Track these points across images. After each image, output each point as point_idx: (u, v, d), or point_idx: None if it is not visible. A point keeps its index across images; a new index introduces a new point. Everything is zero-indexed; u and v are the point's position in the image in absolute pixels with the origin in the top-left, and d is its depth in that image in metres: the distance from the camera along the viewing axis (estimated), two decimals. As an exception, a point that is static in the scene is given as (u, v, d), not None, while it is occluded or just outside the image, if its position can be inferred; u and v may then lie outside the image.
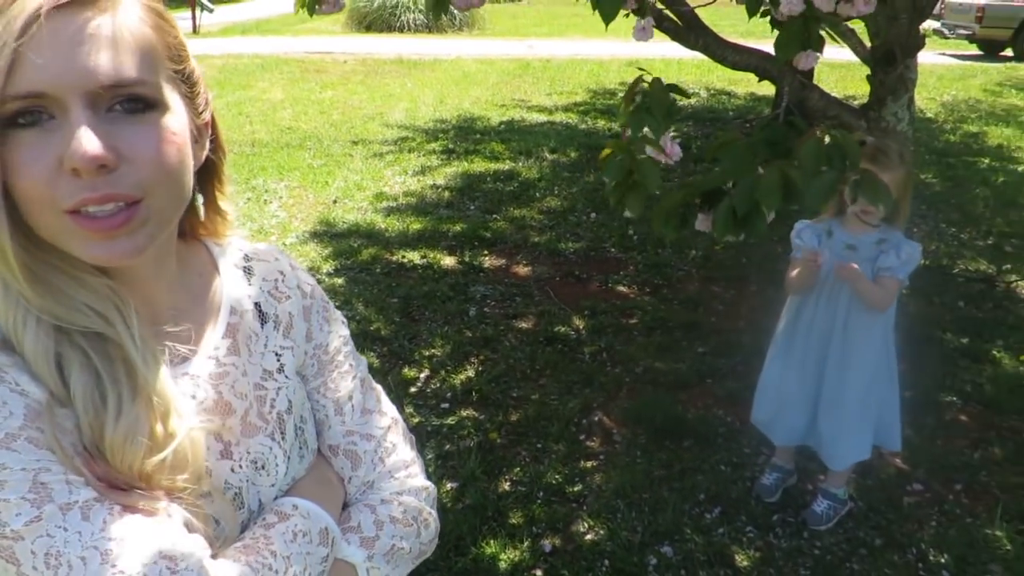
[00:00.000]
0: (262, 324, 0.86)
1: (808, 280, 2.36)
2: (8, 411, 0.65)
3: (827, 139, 2.01)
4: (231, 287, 0.85)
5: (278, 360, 0.86)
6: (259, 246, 0.92)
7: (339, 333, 0.93)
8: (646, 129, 2.09)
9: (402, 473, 0.91)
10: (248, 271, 0.88)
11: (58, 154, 0.64)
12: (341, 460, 0.89)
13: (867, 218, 2.27)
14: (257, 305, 0.86)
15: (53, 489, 0.64)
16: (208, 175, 0.82)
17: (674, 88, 2.10)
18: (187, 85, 0.74)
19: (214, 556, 0.71)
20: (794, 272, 2.40)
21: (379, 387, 0.97)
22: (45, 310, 0.68)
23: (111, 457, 0.68)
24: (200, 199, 0.84)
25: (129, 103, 0.66)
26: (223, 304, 0.83)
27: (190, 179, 0.73)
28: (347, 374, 0.92)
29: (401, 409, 3.09)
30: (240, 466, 0.79)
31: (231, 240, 0.89)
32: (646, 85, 2.07)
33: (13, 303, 0.68)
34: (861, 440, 2.45)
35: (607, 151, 2.13)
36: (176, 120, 0.70)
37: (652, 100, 2.03)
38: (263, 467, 0.81)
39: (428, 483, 0.94)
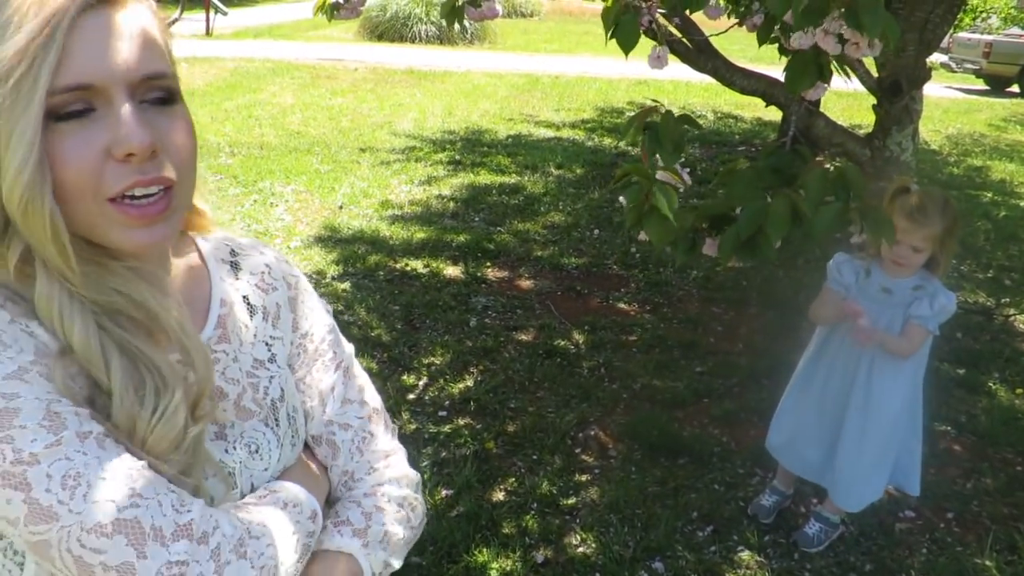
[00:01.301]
0: (251, 315, 0.88)
1: (835, 316, 2.34)
2: (19, 347, 0.67)
3: (832, 169, 2.06)
4: (219, 280, 0.87)
5: (269, 350, 0.88)
6: (244, 240, 0.94)
7: (324, 322, 0.96)
8: (657, 156, 2.13)
9: (381, 463, 0.93)
10: (235, 265, 0.90)
11: (105, 143, 0.67)
12: (324, 449, 0.92)
13: (899, 271, 2.24)
14: (245, 298, 0.89)
15: (67, 418, 0.66)
16: None
17: (687, 119, 2.14)
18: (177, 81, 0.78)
19: None
20: (824, 307, 2.36)
21: (363, 375, 0.99)
22: (89, 294, 0.70)
23: (143, 439, 0.70)
24: None
25: (159, 95, 0.71)
26: (212, 296, 0.86)
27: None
28: (331, 364, 0.95)
29: (399, 415, 3.12)
30: (234, 447, 0.82)
31: (217, 234, 0.92)
32: (657, 118, 2.11)
33: (57, 294, 0.69)
34: (878, 483, 2.43)
35: (623, 173, 2.16)
36: (187, 111, 0.75)
37: (663, 132, 2.07)
38: (257, 451, 0.83)
39: (410, 471, 0.96)
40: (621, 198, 2.18)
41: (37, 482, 0.63)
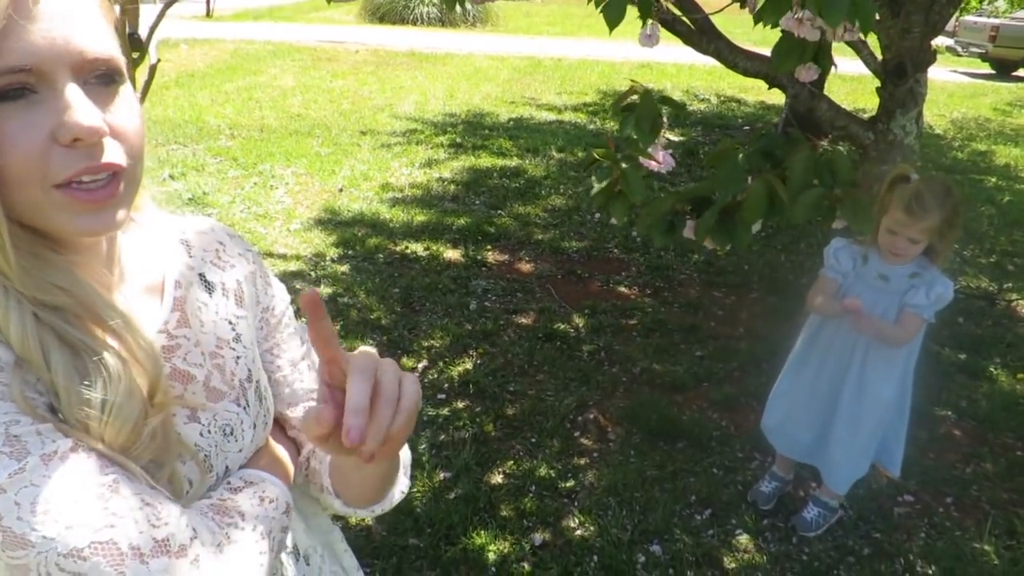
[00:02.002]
0: (210, 293, 0.86)
1: (832, 313, 2.32)
2: None
3: (820, 154, 2.03)
4: (172, 261, 0.84)
5: (233, 329, 0.86)
6: (192, 219, 0.91)
7: (281, 297, 0.95)
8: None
9: None
10: (186, 243, 0.87)
11: (50, 127, 0.64)
12: (300, 418, 0.92)
13: (896, 260, 2.21)
14: (202, 275, 0.86)
15: (28, 441, 0.63)
16: None
17: (666, 100, 2.11)
18: (126, 58, 0.75)
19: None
20: (821, 296, 2.34)
21: None
22: (24, 287, 0.66)
23: (100, 434, 0.68)
24: None
25: (103, 76, 0.67)
26: (167, 278, 0.83)
27: None
28: (295, 335, 0.95)
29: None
30: (209, 431, 0.81)
31: (157, 213, 0.88)
32: (636, 97, 2.08)
33: None
34: (865, 463, 2.44)
35: (593, 157, 2.14)
36: (132, 92, 0.72)
37: (641, 111, 2.04)
38: (232, 433, 0.82)
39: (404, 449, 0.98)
40: (592, 179, 2.17)
41: (7, 511, 0.62)
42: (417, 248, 4.64)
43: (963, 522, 2.61)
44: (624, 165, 2.00)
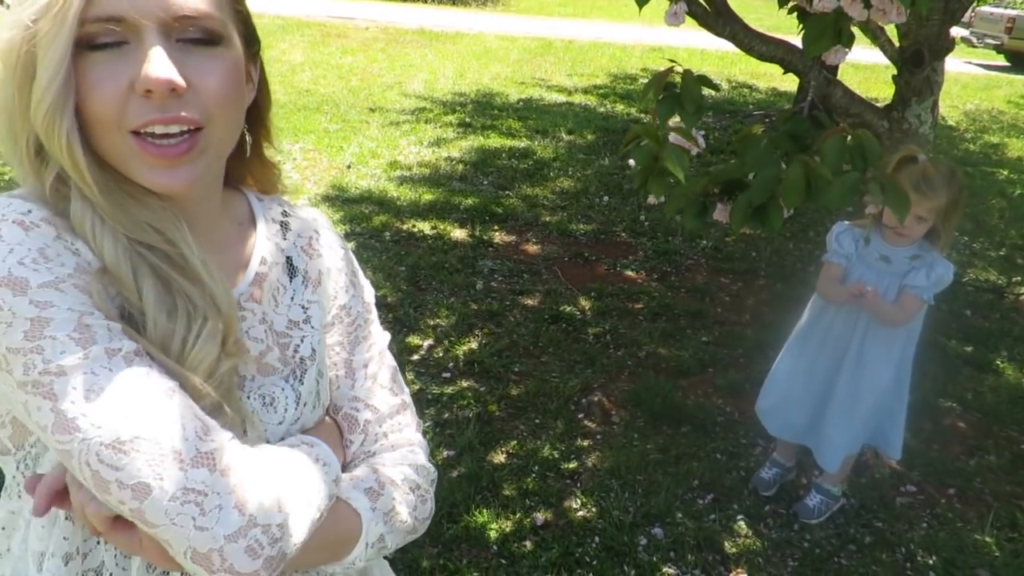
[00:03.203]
0: (291, 278, 0.87)
1: (840, 300, 2.33)
2: (61, 261, 0.67)
3: (849, 138, 2.00)
4: (265, 239, 0.87)
5: (305, 312, 0.88)
6: (300, 207, 0.94)
7: (364, 299, 0.95)
8: (675, 119, 2.08)
9: (405, 450, 0.91)
10: (284, 226, 0.90)
11: (131, 76, 0.67)
12: (340, 423, 0.90)
13: (900, 240, 2.23)
14: (288, 259, 0.88)
15: (96, 332, 0.65)
16: (255, 119, 0.86)
17: (705, 81, 2.09)
18: (244, 25, 0.77)
19: None
20: (830, 284, 2.35)
21: (395, 365, 0.96)
22: (117, 221, 0.70)
23: (181, 357, 0.70)
24: (248, 141, 0.87)
25: (198, 35, 0.70)
26: (254, 254, 0.85)
27: (243, 115, 0.77)
28: (365, 340, 0.93)
29: (403, 375, 3.11)
30: (248, 397, 0.81)
31: (275, 197, 0.92)
32: (677, 77, 2.06)
33: (90, 216, 0.70)
34: (855, 443, 2.46)
35: (633, 135, 2.12)
36: (235, 56, 0.74)
37: (684, 92, 2.02)
38: (272, 404, 0.82)
39: (429, 464, 0.93)
40: (631, 160, 2.15)
41: (63, 394, 0.63)
42: (424, 227, 4.63)
43: (965, 514, 2.60)
44: (666, 142, 1.99)
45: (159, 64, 0.66)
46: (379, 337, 0.95)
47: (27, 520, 0.76)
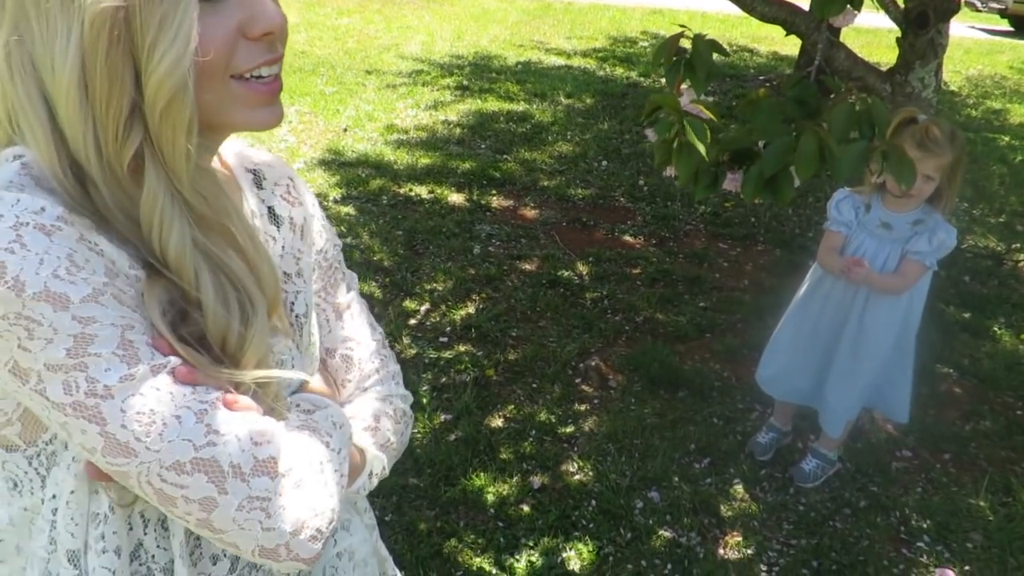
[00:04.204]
0: (278, 227, 0.86)
1: (837, 269, 2.30)
2: (92, 268, 0.63)
3: (857, 104, 1.96)
4: (247, 190, 0.85)
5: (297, 263, 0.87)
6: (262, 152, 0.92)
7: (335, 243, 0.96)
8: (685, 85, 2.03)
9: (392, 382, 0.96)
10: (257, 175, 0.88)
11: (238, 21, 0.67)
12: (337, 362, 0.93)
13: (905, 203, 2.20)
14: (271, 209, 0.86)
15: (139, 349, 0.63)
16: None
17: (716, 47, 2.04)
18: None
19: None
20: (829, 254, 2.33)
21: (361, 299, 1.01)
22: (191, 198, 0.68)
23: (235, 355, 0.70)
24: None
25: None
26: (243, 207, 0.83)
27: None
28: (343, 283, 0.96)
29: (400, 340, 3.11)
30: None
31: (230, 141, 0.87)
32: (687, 42, 2.01)
33: (162, 196, 0.66)
34: (855, 407, 2.47)
35: (652, 105, 2.06)
36: None
37: (695, 58, 1.97)
38: (281, 367, 0.82)
39: (407, 392, 1.00)
40: (648, 132, 2.10)
41: (112, 417, 0.62)
42: (421, 191, 4.59)
43: (960, 478, 2.62)
44: (686, 114, 1.93)
45: (274, 6, 0.67)
46: (351, 277, 0.98)
47: (50, 520, 0.74)
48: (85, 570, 0.73)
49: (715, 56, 2.01)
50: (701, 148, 1.84)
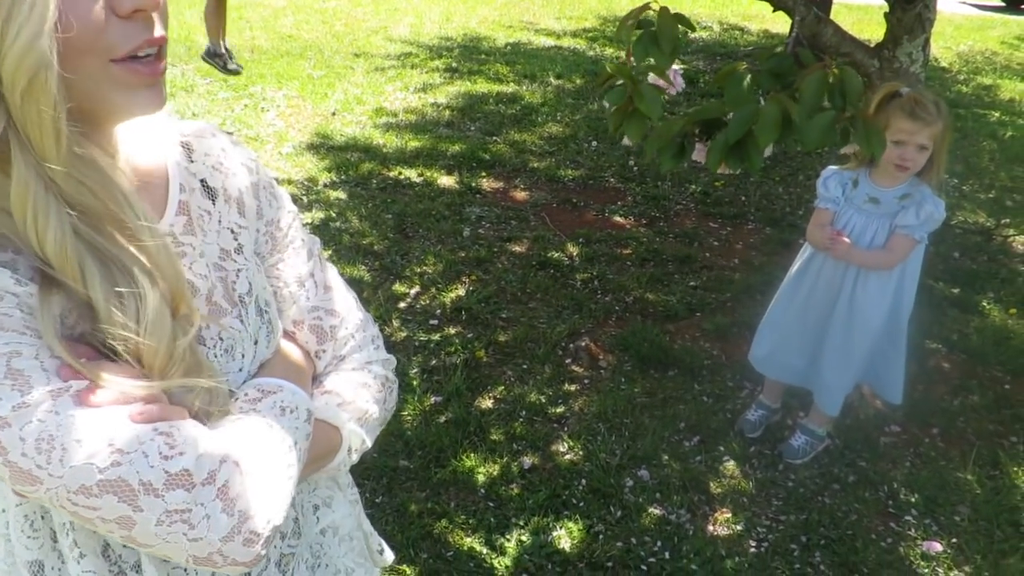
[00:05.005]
0: (212, 200, 0.81)
1: (823, 246, 2.30)
2: None
3: (831, 75, 1.95)
4: (174, 163, 0.80)
5: (235, 239, 0.82)
6: (192, 123, 0.86)
7: (288, 209, 0.91)
8: (651, 59, 2.02)
9: (371, 347, 0.93)
10: (187, 147, 0.83)
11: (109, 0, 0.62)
12: (306, 335, 0.89)
13: (898, 177, 2.18)
14: (203, 181, 0.82)
15: (30, 375, 0.61)
16: None
17: (682, 19, 2.03)
18: None
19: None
20: (816, 230, 2.33)
21: (330, 265, 0.96)
22: (66, 187, 0.63)
23: (137, 354, 0.66)
24: None
25: None
26: (171, 180, 0.79)
27: None
28: (302, 250, 0.91)
29: (390, 323, 3.11)
30: (214, 353, 0.77)
31: (159, 116, 0.82)
32: (652, 13, 2.00)
33: (34, 186, 0.62)
34: (850, 383, 2.48)
35: (607, 75, 2.07)
36: None
37: (660, 31, 1.96)
38: (230, 350, 0.79)
39: (391, 356, 0.96)
40: (604, 101, 2.10)
41: (12, 446, 0.60)
42: (411, 174, 4.58)
43: (948, 452, 2.63)
44: (639, 81, 1.93)
45: None
46: (312, 242, 0.93)
47: (4, 534, 0.74)
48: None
49: (702, 33, 2.00)
50: (651, 114, 1.84)
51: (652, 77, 1.97)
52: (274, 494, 0.69)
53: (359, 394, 0.88)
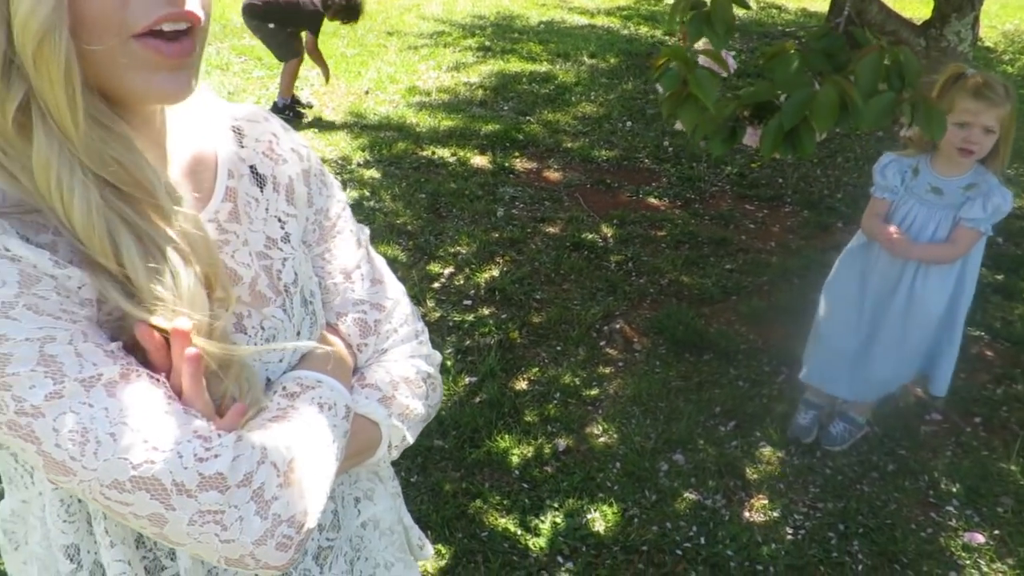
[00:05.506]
0: (260, 188, 0.79)
1: (881, 239, 2.21)
2: (1, 280, 0.59)
3: (887, 56, 1.90)
4: (224, 148, 0.78)
5: (282, 228, 0.80)
6: (245, 107, 0.84)
7: (338, 198, 0.88)
8: (703, 40, 1.98)
9: (415, 342, 0.91)
10: (238, 131, 0.81)
11: None
12: (350, 327, 0.86)
13: (967, 157, 2.07)
14: (252, 168, 0.80)
15: (64, 362, 0.60)
16: None
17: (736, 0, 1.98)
18: None
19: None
20: (871, 220, 2.24)
21: (379, 256, 0.94)
22: (91, 159, 0.61)
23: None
24: None
25: None
26: (219, 165, 0.77)
27: None
28: (350, 240, 0.88)
29: (424, 303, 3.11)
30: (255, 343, 0.76)
31: (211, 99, 0.81)
32: None
33: (57, 156, 0.60)
34: (899, 376, 2.41)
35: (661, 58, 2.02)
36: None
37: (714, 11, 1.92)
38: (272, 340, 0.77)
39: (435, 351, 0.94)
40: (658, 85, 2.06)
41: (45, 436, 0.59)
42: (444, 153, 4.56)
43: (990, 442, 2.58)
44: (695, 65, 1.88)
45: None
46: (362, 233, 0.91)
47: (40, 516, 0.73)
48: (89, 565, 0.73)
49: (739, 11, 1.95)
50: (707, 101, 1.79)
51: (703, 60, 1.92)
52: (310, 497, 0.68)
53: (401, 389, 0.85)
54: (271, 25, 4.70)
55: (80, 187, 0.61)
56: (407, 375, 0.87)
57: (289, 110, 4.97)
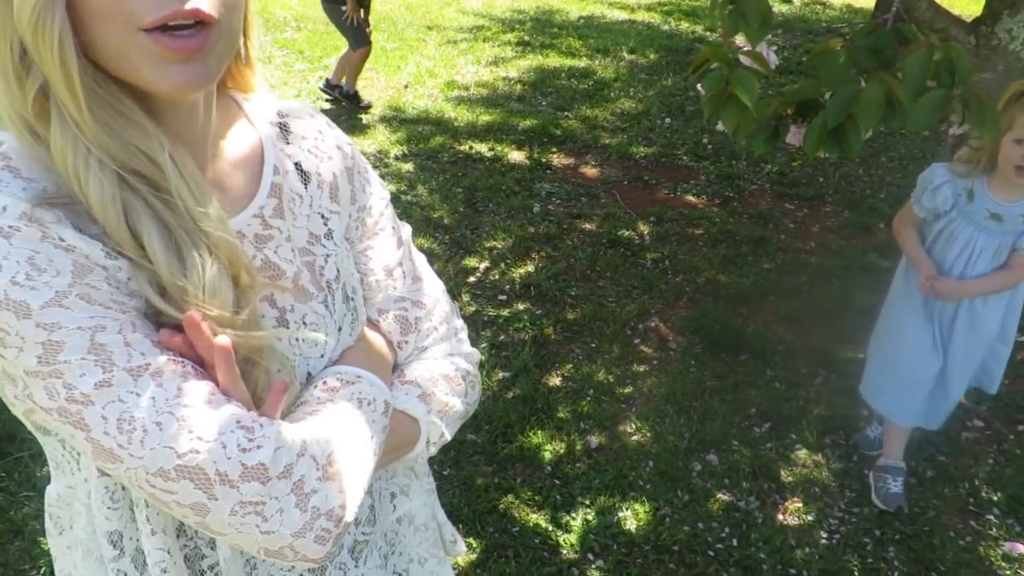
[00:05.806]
0: (305, 184, 0.80)
1: (906, 247, 2.15)
2: (55, 270, 0.60)
3: (936, 52, 1.85)
4: (270, 144, 0.79)
5: (325, 224, 0.81)
6: (291, 103, 0.84)
7: (380, 195, 0.89)
8: (739, 37, 1.95)
9: (454, 340, 0.91)
10: (284, 128, 0.81)
11: None
12: (390, 324, 0.87)
13: (1021, 187, 1.97)
14: (298, 164, 0.80)
15: (113, 351, 0.61)
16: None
17: None
18: None
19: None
20: (903, 222, 2.16)
21: (419, 253, 0.94)
22: (105, 147, 0.62)
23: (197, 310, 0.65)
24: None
25: None
26: (265, 161, 0.78)
27: (243, 13, 0.69)
28: (392, 238, 0.88)
29: (459, 297, 3.12)
30: (296, 338, 0.76)
31: (260, 95, 0.82)
32: None
33: (72, 142, 0.61)
34: (964, 387, 2.32)
35: (702, 57, 1.99)
36: None
37: (747, 6, 1.89)
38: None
39: (474, 349, 0.94)
40: (699, 86, 2.03)
41: (94, 424, 0.61)
42: (482, 148, 4.57)
43: (1034, 450, 2.53)
44: (736, 65, 1.84)
45: None
46: (403, 230, 0.91)
47: (85, 502, 0.75)
48: (131, 551, 0.74)
49: (782, 7, 1.91)
50: (748, 102, 1.76)
51: (745, 58, 1.89)
52: (348, 491, 0.69)
53: (440, 386, 0.86)
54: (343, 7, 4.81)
55: (95, 174, 0.61)
56: (446, 372, 0.87)
57: (351, 100, 5.02)
